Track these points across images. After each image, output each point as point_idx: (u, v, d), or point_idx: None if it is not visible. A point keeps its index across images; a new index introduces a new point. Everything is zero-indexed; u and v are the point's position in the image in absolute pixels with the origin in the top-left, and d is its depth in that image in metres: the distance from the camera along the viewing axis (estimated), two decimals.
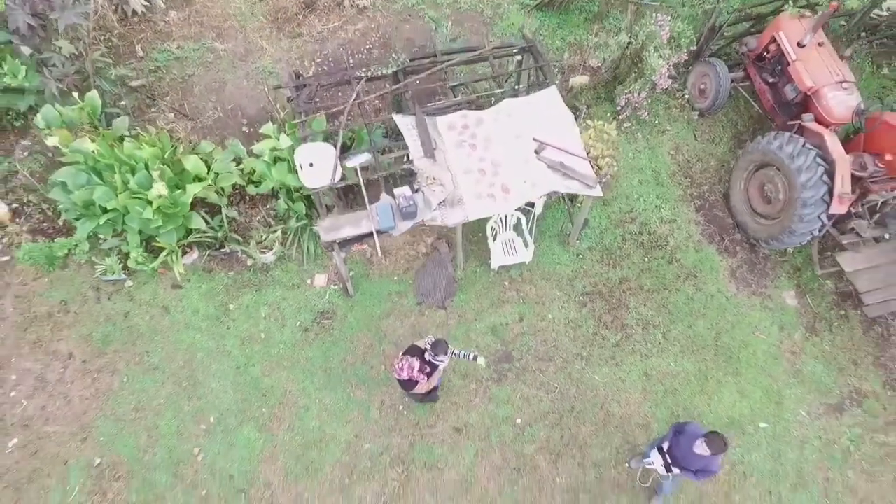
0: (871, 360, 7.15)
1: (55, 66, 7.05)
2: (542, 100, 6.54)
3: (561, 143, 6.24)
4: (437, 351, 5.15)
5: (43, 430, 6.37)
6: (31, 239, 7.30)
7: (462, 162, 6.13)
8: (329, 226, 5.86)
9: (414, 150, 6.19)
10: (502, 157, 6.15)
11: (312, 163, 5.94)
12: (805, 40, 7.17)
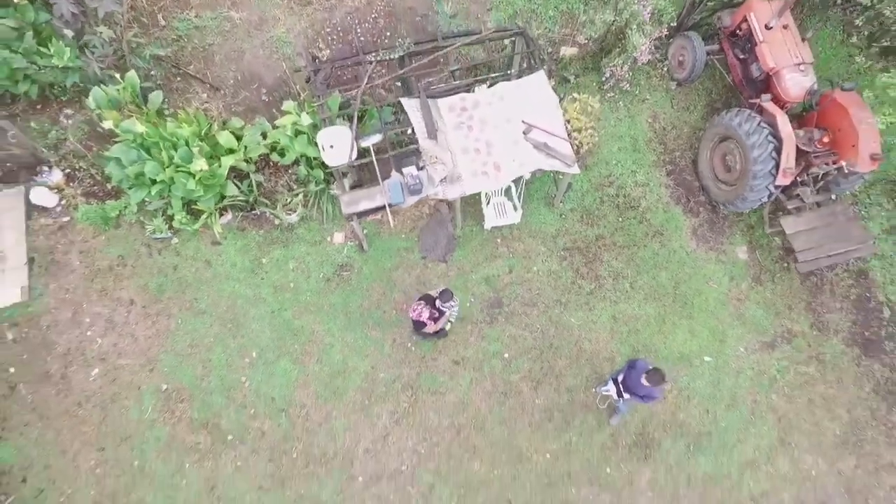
0: (803, 306, 8.49)
1: (96, 48, 7.88)
2: (531, 83, 7.45)
3: (546, 124, 7.22)
4: (444, 299, 6.44)
5: (117, 362, 7.80)
6: (85, 201, 8.43)
7: (460, 142, 7.15)
8: (349, 200, 6.99)
9: (419, 131, 7.19)
10: (495, 139, 7.16)
11: (333, 145, 6.97)
12: (772, 23, 7.94)
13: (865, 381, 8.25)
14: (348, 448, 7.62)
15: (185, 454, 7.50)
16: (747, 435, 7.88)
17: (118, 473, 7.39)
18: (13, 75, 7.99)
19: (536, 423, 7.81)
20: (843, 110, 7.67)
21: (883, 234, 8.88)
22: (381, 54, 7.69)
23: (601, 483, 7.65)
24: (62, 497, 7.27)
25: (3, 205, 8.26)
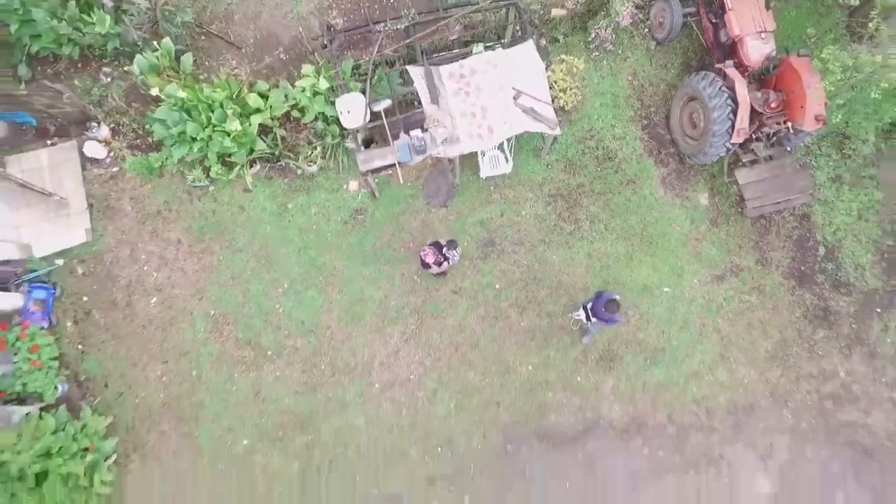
0: (751, 245, 9.94)
1: (133, 17, 8.82)
2: (521, 53, 8.47)
3: (533, 91, 8.33)
4: (450, 247, 7.85)
5: (171, 292, 9.34)
6: (130, 153, 9.65)
7: (459, 107, 8.29)
8: (364, 159, 8.25)
9: (423, 97, 8.32)
10: (489, 104, 8.29)
11: (349, 110, 8.12)
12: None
13: (797, 307, 9.85)
14: (366, 361, 9.32)
15: (234, 366, 9.21)
16: (694, 351, 9.58)
17: (180, 381, 9.12)
18: (58, 39, 8.96)
19: (521, 341, 9.47)
20: (796, 74, 8.74)
21: (828, 181, 10.17)
22: (388, 24, 8.65)
23: (573, 389, 9.42)
24: (137, 399, 9.04)
25: (61, 157, 9.49)
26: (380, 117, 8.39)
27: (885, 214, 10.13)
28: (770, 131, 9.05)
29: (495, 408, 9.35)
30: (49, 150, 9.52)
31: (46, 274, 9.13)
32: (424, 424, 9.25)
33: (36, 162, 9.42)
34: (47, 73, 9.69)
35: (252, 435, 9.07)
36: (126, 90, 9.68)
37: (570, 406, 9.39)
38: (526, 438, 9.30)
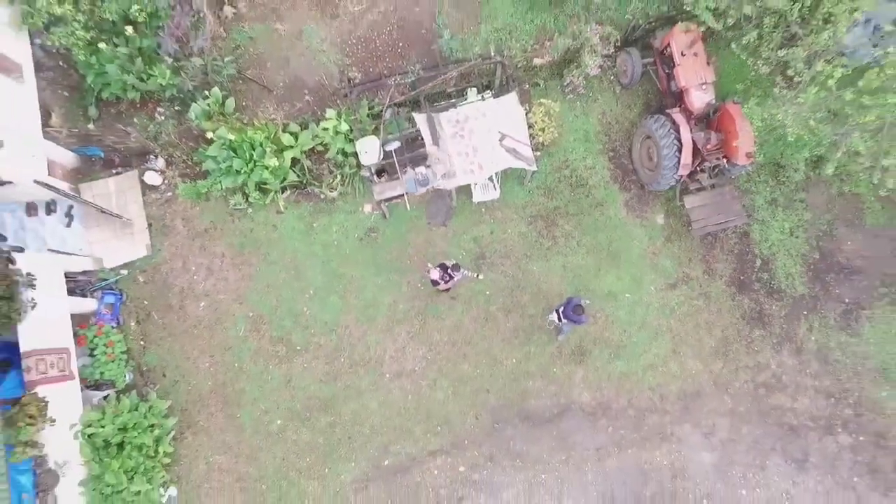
0: (699, 258, 11.89)
1: (188, 71, 10.73)
2: (506, 102, 10.41)
3: (515, 134, 10.27)
4: (455, 269, 9.78)
5: (217, 297, 11.26)
6: (181, 181, 11.57)
7: (455, 147, 10.22)
8: (379, 190, 10.20)
9: (426, 139, 10.26)
10: (479, 145, 10.22)
11: (367, 150, 10.07)
12: (686, 51, 10.77)
13: (736, 310, 11.81)
14: (378, 355, 11.26)
15: (269, 359, 11.15)
16: (650, 347, 11.53)
17: (225, 372, 11.06)
18: (125, 87, 10.88)
19: (507, 339, 11.41)
20: (731, 119, 10.67)
21: (766, 203, 12.11)
22: (398, 78, 10.58)
23: (549, 378, 11.37)
24: (189, 386, 10.97)
25: (125, 184, 11.42)
26: (391, 155, 10.33)
27: (812, 232, 12.08)
28: (711, 165, 10.99)
29: (485, 394, 11.30)
30: (115, 179, 11.44)
31: (115, 282, 11.06)
32: (426, 407, 11.20)
33: (104, 189, 11.34)
34: (111, 113, 11.62)
35: (284, 415, 11.01)
36: (178, 128, 11.61)
37: (547, 392, 11.35)
38: (510, 419, 11.25)
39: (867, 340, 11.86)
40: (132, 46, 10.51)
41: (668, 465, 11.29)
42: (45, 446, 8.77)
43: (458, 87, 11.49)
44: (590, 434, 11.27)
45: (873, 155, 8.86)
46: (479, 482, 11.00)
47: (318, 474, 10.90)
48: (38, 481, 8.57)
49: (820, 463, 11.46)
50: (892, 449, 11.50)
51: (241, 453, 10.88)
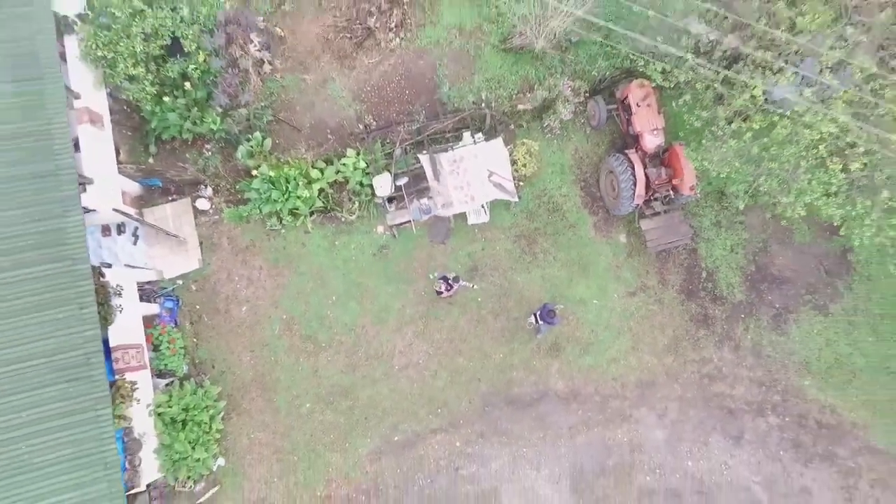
0: (655, 270, 14.34)
1: (234, 118, 13.16)
2: (493, 146, 12.88)
3: (500, 171, 12.73)
4: (455, 280, 12.21)
5: (256, 302, 13.67)
6: (226, 206, 13.99)
7: (453, 182, 12.67)
8: (391, 217, 12.66)
9: (429, 176, 12.70)
10: (472, 180, 12.68)
11: (381, 185, 12.51)
12: (640, 102, 13.24)
13: (685, 314, 14.26)
14: (390, 351, 13.68)
15: (299, 354, 13.56)
16: (613, 344, 13.96)
17: (263, 363, 13.45)
18: (181, 130, 13.30)
19: (495, 337, 13.84)
20: (677, 158, 13.14)
21: (711, 225, 14.57)
22: (406, 125, 13.04)
23: (530, 370, 13.80)
24: (234, 376, 13.36)
25: (180, 209, 13.83)
26: (400, 188, 12.77)
27: (750, 249, 14.54)
28: (662, 195, 13.46)
29: (477, 382, 13.72)
30: (171, 205, 13.86)
31: (172, 290, 13.47)
32: (429, 393, 13.61)
33: (163, 213, 13.76)
34: (167, 149, 14.05)
35: (312, 400, 13.41)
36: (223, 161, 14.05)
37: (528, 381, 13.78)
38: (498, 403, 13.68)
39: (793, 339, 14.33)
40: (189, 98, 12.95)
41: (627, 441, 13.71)
42: (132, 420, 11.16)
43: (455, 129, 13.95)
44: (563, 415, 13.70)
45: (781, 192, 11.34)
46: (471, 454, 13.41)
47: (340, 448, 13.30)
48: (126, 447, 10.96)
49: (753, 439, 13.90)
50: (812, 428, 13.95)
51: (277, 431, 13.28)
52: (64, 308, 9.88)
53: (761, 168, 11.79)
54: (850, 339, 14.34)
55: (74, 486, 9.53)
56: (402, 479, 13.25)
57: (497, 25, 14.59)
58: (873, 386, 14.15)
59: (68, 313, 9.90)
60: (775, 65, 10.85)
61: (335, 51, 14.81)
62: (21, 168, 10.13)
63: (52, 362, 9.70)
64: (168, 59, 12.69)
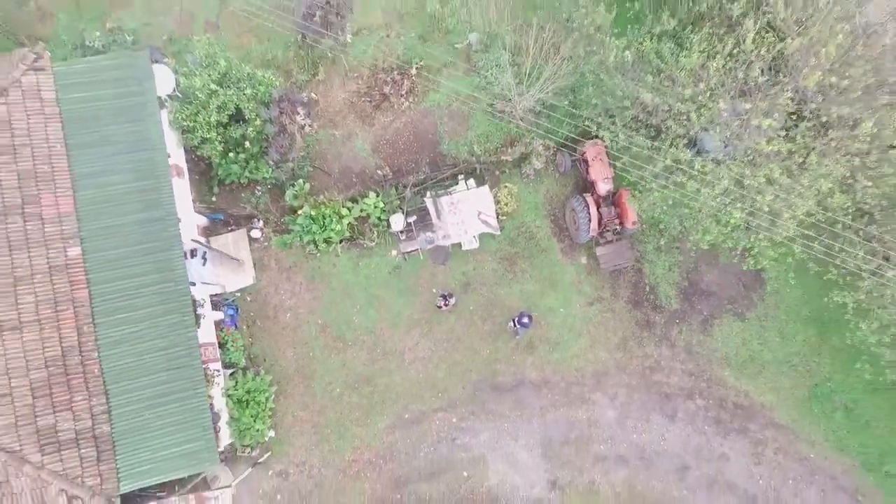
0: (609, 285, 18.33)
1: (282, 169, 17.12)
2: (482, 191, 16.88)
3: (487, 211, 16.73)
4: (450, 295, 16.19)
5: (297, 310, 17.62)
6: (274, 235, 17.95)
7: (451, 219, 16.65)
8: (403, 246, 16.64)
9: (432, 215, 16.70)
10: (465, 218, 16.66)
11: (395, 221, 16.51)
12: (594, 157, 17.23)
13: (632, 319, 18.23)
14: (401, 348, 17.63)
15: (331, 350, 17.50)
16: (576, 343, 17.93)
17: (303, 358, 17.39)
18: (239, 177, 17.27)
19: (483, 337, 17.80)
20: (622, 199, 17.15)
21: (653, 249, 18.55)
22: (414, 176, 17.02)
23: (509, 363, 17.75)
24: (280, 368, 17.28)
25: (237, 238, 17.76)
26: (410, 224, 16.75)
27: (684, 268, 18.52)
28: (612, 228, 17.46)
29: (469, 373, 17.66)
30: (231, 234, 17.80)
31: (233, 301, 17.40)
32: (432, 381, 17.55)
33: (225, 241, 17.70)
34: (226, 190, 18.01)
35: (341, 386, 17.33)
36: (271, 200, 18.01)
37: (508, 372, 17.73)
38: (485, 388, 17.62)
39: (717, 339, 18.31)
40: (247, 153, 16.92)
41: (585, 418, 17.67)
42: (213, 399, 15.07)
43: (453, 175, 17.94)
44: (536, 398, 17.65)
45: (692, 230, 15.36)
46: (465, 428, 17.35)
47: (363, 423, 17.22)
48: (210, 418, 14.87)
49: (684, 417, 17.87)
50: (730, 408, 17.92)
51: (314, 409, 17.20)
52: (172, 316, 13.81)
53: (679, 212, 15.81)
54: (761, 340, 18.32)
55: (182, 443, 13.42)
56: (411, 447, 17.18)
57: (486, 92, 18.58)
58: (778, 376, 18.14)
59: (175, 320, 13.82)
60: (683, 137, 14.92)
61: (358, 111, 18.82)
62: (140, 216, 14.04)
63: (165, 354, 13.61)
64: (232, 124, 16.66)
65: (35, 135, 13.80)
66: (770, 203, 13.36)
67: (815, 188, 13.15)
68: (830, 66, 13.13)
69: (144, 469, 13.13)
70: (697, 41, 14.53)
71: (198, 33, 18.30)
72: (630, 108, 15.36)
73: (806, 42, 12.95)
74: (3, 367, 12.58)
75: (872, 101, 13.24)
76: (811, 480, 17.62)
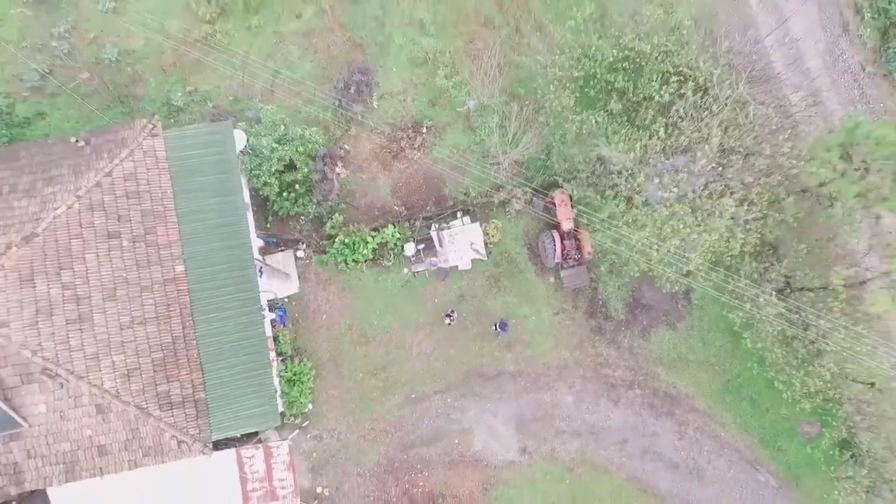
0: (571, 299, 23.76)
1: (324, 206, 22.56)
2: (473, 227, 22.37)
3: (477, 241, 22.21)
4: (453, 311, 21.64)
5: (331, 313, 23.00)
6: (315, 255, 23.40)
7: (451, 247, 22.11)
8: (413, 267, 22.11)
9: (436, 244, 22.18)
10: (461, 246, 22.13)
11: (408, 248, 21.99)
12: (559, 202, 22.69)
13: (588, 326, 23.65)
14: (409, 344, 23.04)
15: (356, 345, 22.88)
16: (544, 344, 23.33)
17: (335, 350, 22.81)
18: (289, 210, 22.73)
19: (473, 339, 23.19)
20: (581, 235, 22.61)
21: (606, 272, 23.98)
22: (423, 213, 22.50)
23: (492, 357, 23.17)
24: (317, 357, 22.71)
25: (287, 256, 23.21)
26: (419, 250, 22.23)
27: (630, 287, 23.92)
28: (572, 256, 22.92)
29: (461, 364, 23.09)
30: (281, 253, 23.24)
31: (282, 304, 22.84)
32: (433, 370, 22.96)
33: (276, 258, 23.11)
34: (278, 219, 23.45)
35: (363, 371, 22.73)
36: (312, 228, 23.48)
37: (492, 364, 23.15)
38: (474, 377, 23.04)
39: (653, 343, 23.73)
40: (297, 194, 22.37)
41: (549, 401, 23.08)
42: (273, 378, 20.45)
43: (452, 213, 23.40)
44: (512, 385, 23.07)
45: (627, 261, 20.82)
46: (457, 406, 22.77)
47: (380, 401, 22.61)
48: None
49: (625, 402, 23.28)
50: (661, 397, 23.33)
51: (343, 389, 22.61)
52: (248, 317, 19.22)
53: (617, 247, 21.28)
54: (687, 345, 23.76)
55: (253, 407, 18.79)
56: (415, 420, 22.59)
57: (480, 147, 24.02)
58: (699, 373, 23.58)
59: (250, 318, 19.24)
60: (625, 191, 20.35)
61: (380, 160, 24.26)
62: (225, 243, 19.44)
63: (241, 343, 18.99)
64: (287, 171, 22.10)
65: (152, 184, 19.22)
66: (675, 245, 18.76)
67: (707, 238, 18.58)
68: (720, 147, 18.57)
69: (228, 424, 18.53)
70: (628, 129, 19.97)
71: (256, 96, 23.80)
72: (583, 170, 20.81)
73: (698, 137, 18.40)
74: (135, 349, 17.99)
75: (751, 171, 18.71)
76: (721, 453, 23.08)
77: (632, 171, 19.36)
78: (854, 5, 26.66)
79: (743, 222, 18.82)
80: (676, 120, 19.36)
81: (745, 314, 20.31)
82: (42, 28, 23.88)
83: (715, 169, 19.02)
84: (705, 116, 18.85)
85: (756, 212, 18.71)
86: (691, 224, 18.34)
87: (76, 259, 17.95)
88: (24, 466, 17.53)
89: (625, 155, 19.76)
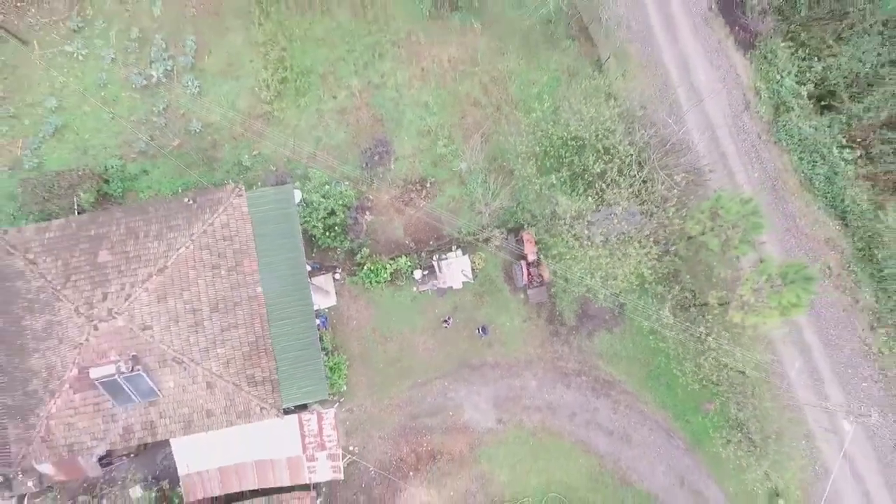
0: (536, 310, 32.18)
1: (355, 242, 31.02)
2: (464, 258, 30.87)
3: (465, 268, 30.72)
4: (450, 317, 30.07)
5: (359, 320, 31.47)
6: (348, 276, 31.88)
7: (448, 273, 30.59)
8: (419, 287, 30.60)
9: (437, 270, 30.69)
10: (455, 272, 30.60)
11: (416, 273, 30.49)
12: (527, 240, 31.17)
13: (548, 330, 32.08)
14: (415, 343, 31.45)
15: (378, 343, 31.43)
16: (515, 342, 31.70)
17: (363, 348, 31.26)
18: (329, 244, 31.23)
19: (463, 339, 31.59)
20: (542, 265, 31.07)
21: (560, 290, 32.45)
22: (427, 247, 31.00)
23: (477, 353, 31.62)
24: (349, 352, 31.18)
25: (327, 277, 31.70)
26: (424, 275, 30.70)
27: (579, 301, 32.40)
28: (536, 279, 31.39)
29: (454, 359, 31.53)
30: (323, 276, 31.66)
31: (325, 313, 31.31)
32: (434, 363, 31.39)
33: (319, 280, 31.50)
34: (319, 249, 31.97)
35: (385, 363, 31.10)
36: (345, 258, 31.98)
37: (477, 358, 31.55)
38: (463, 368, 31.47)
39: (596, 343, 32.20)
40: (335, 233, 30.86)
41: (519, 385, 31.54)
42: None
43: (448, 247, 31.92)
44: (491, 374, 31.52)
45: (577, 286, 29.33)
46: (452, 388, 31.20)
47: (395, 385, 30.98)
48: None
49: (576, 387, 31.73)
50: (602, 382, 31.77)
51: (367, 376, 31.04)
52: (304, 323, 27.66)
53: (568, 274, 29.78)
54: (622, 345, 32.26)
55: (310, 385, 27.23)
56: (421, 398, 31.03)
57: (470, 198, 32.49)
58: (630, 366, 32.06)
59: (305, 324, 27.69)
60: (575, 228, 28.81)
61: (396, 207, 32.76)
62: (289, 271, 27.89)
63: (301, 341, 27.44)
64: (328, 216, 30.58)
65: (239, 230, 27.68)
66: (601, 275, 27.20)
67: (621, 271, 26.99)
68: (627, 207, 27.04)
69: (293, 398, 26.97)
70: (571, 192, 28.46)
71: (304, 158, 32.27)
72: (541, 219, 29.33)
73: (615, 199, 26.86)
74: (231, 345, 26.42)
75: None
76: (644, 423, 31.59)
77: (571, 223, 27.82)
78: (754, 88, 35.24)
79: (646, 260, 27.28)
80: (604, 186, 27.84)
81: (650, 323, 28.78)
82: (146, 107, 32.33)
83: (627, 221, 27.50)
84: (623, 185, 27.33)
85: (654, 255, 27.18)
86: (607, 264, 26.81)
87: (192, 283, 26.41)
88: (157, 423, 25.96)
89: (568, 209, 28.24)
